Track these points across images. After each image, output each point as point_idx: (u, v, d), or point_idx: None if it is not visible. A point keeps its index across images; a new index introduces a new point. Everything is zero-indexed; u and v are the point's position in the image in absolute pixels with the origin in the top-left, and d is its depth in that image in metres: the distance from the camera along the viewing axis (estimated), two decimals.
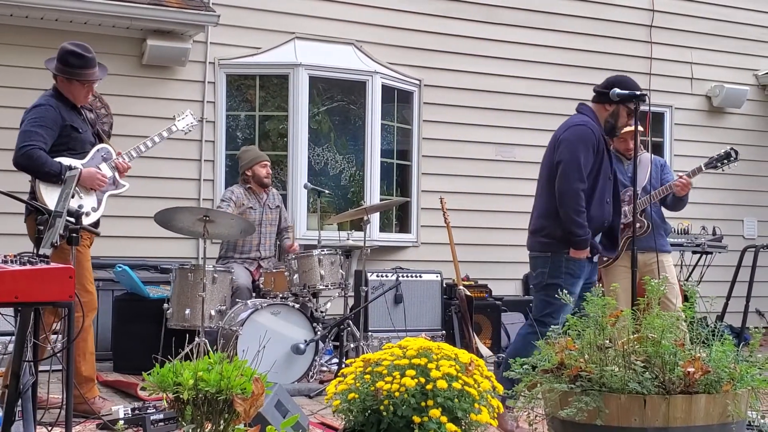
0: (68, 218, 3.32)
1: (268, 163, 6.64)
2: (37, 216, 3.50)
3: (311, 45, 7.90)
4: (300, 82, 7.68)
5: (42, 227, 3.46)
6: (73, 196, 4.53)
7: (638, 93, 4.43)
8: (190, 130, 5.31)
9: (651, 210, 5.31)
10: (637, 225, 5.22)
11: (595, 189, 4.42)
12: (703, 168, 5.40)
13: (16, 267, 2.71)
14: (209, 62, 7.59)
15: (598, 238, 4.56)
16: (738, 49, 9.68)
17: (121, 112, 7.27)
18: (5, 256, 3.04)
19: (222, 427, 2.59)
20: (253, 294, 6.24)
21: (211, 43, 7.57)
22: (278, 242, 6.71)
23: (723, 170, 5.54)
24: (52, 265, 2.81)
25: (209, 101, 7.59)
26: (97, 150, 4.82)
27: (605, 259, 5.09)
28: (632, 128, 5.20)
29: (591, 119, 4.54)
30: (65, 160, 4.60)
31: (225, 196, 6.52)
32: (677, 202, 5.38)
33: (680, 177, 5.32)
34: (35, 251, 3.27)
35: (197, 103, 7.56)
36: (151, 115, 7.38)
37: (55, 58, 4.80)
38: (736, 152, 5.39)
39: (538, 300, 4.51)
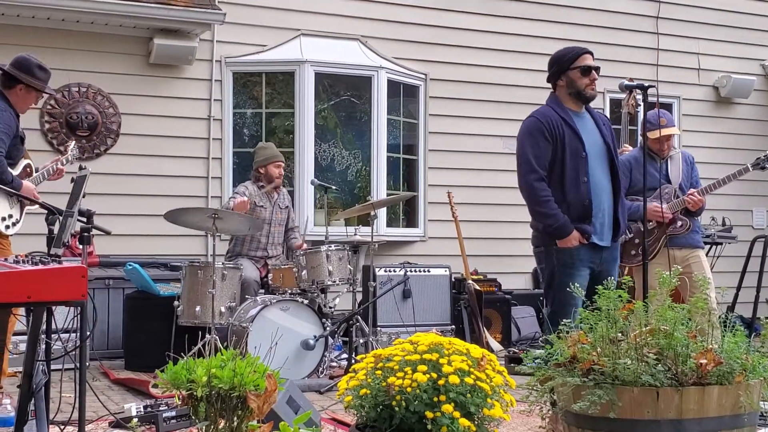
0: (80, 218, 3.33)
1: (282, 164, 6.60)
2: (48, 216, 3.51)
3: (316, 41, 7.90)
4: (306, 79, 7.68)
5: (52, 227, 3.48)
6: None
7: (575, 55, 4.36)
8: (72, 161, 5.30)
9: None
10: (679, 223, 5.21)
11: (564, 172, 4.29)
12: (750, 168, 5.35)
13: (29, 267, 2.72)
14: (216, 60, 7.60)
15: (605, 225, 4.39)
16: (744, 40, 9.64)
17: (129, 111, 7.32)
18: (17, 257, 3.06)
19: (236, 423, 2.59)
20: (261, 289, 6.26)
21: (217, 41, 7.58)
22: (285, 241, 6.70)
23: None
24: (64, 264, 2.82)
25: (216, 99, 7.60)
26: (26, 164, 4.82)
27: (632, 253, 5.06)
28: (667, 131, 5.19)
29: (547, 105, 4.44)
30: None
31: (238, 189, 6.51)
32: (694, 212, 5.32)
33: (690, 194, 5.22)
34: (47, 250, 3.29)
35: (204, 101, 7.58)
36: (159, 113, 7.42)
37: (14, 66, 4.77)
38: None
39: (547, 297, 4.46)
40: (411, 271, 6.76)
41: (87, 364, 3.38)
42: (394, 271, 6.73)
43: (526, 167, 4.32)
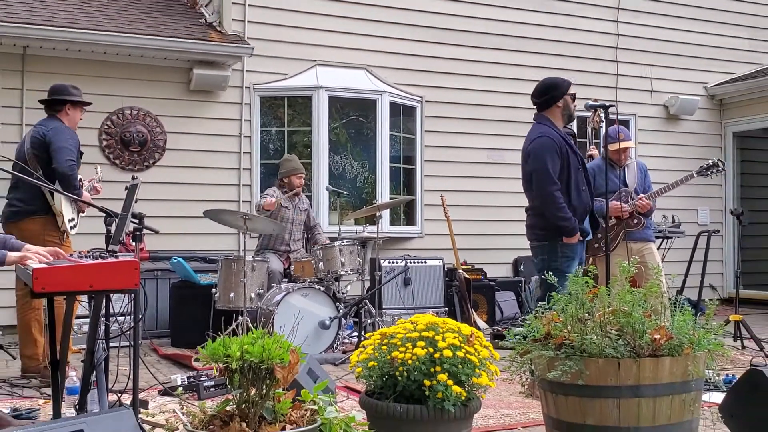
0: (132, 220, 3.34)
1: (303, 175, 6.61)
2: (106, 218, 3.51)
3: (330, 70, 7.90)
4: (321, 102, 7.68)
5: (110, 228, 3.48)
6: (83, 211, 4.58)
7: (569, 86, 4.53)
8: (100, 179, 5.29)
9: None
10: (635, 221, 5.22)
11: (570, 182, 4.39)
12: (695, 175, 5.35)
13: (90, 261, 2.73)
14: (245, 87, 7.61)
15: (586, 222, 4.51)
16: (690, 66, 9.62)
17: (173, 130, 7.33)
18: (80, 252, 3.07)
19: (264, 391, 2.59)
20: (284, 278, 6.27)
21: (246, 70, 7.58)
22: (308, 237, 6.72)
23: (711, 177, 5.47)
24: (120, 258, 2.83)
25: (246, 119, 7.61)
26: (79, 177, 4.83)
27: (595, 246, 5.05)
28: (625, 144, 5.19)
29: (549, 127, 4.47)
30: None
31: (267, 192, 6.54)
32: (645, 213, 5.30)
33: (639, 199, 5.21)
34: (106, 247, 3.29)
35: (236, 121, 7.58)
36: (198, 132, 7.43)
37: (53, 94, 4.78)
38: (723, 162, 5.37)
39: (542, 283, 4.46)
40: (410, 263, 6.76)
41: (139, 342, 3.39)
42: (396, 262, 6.73)
43: (548, 179, 4.35)
